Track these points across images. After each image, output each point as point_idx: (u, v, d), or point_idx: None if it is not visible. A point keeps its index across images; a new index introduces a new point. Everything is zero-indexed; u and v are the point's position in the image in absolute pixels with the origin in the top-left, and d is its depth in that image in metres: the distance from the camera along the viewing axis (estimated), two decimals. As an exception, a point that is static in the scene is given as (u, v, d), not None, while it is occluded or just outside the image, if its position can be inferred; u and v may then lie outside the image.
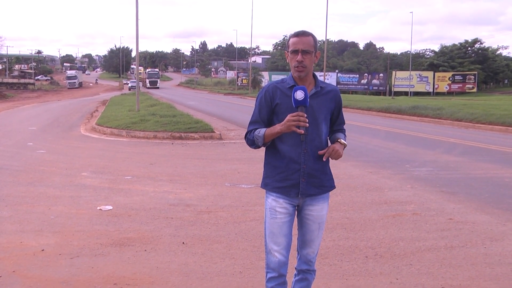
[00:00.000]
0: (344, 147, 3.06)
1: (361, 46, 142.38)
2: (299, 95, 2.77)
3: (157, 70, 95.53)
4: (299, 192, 2.96)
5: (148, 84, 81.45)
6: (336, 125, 3.16)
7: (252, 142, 2.99)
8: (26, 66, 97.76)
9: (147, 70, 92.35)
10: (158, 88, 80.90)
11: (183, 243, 5.15)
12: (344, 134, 3.18)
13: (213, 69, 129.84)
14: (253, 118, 3.03)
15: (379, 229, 5.70)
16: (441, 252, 4.94)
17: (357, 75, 75.62)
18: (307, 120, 2.79)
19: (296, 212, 3.07)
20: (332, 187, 3.10)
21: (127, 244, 5.11)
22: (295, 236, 3.11)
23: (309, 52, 2.88)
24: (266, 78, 73.71)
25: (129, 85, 75.00)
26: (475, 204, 6.92)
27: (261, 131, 2.93)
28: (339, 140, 3.04)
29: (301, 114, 2.78)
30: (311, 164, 2.95)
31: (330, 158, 3.02)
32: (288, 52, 2.95)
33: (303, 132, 2.80)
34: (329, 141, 3.12)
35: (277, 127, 2.86)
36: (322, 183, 3.02)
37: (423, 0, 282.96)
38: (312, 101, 2.91)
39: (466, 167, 10.00)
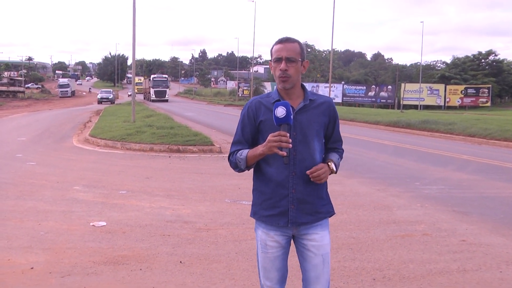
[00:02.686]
0: (332, 172, 2.86)
1: (369, 57, 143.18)
2: (280, 112, 2.59)
3: (166, 76, 74.83)
4: (288, 221, 2.78)
5: (154, 96, 66.85)
6: (330, 142, 2.97)
7: (235, 165, 2.84)
8: (16, 73, 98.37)
9: (152, 76, 73.01)
10: (167, 100, 66.58)
11: (180, 262, 5.14)
12: (340, 155, 2.99)
13: (212, 79, 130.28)
14: (235, 138, 2.89)
15: (387, 250, 5.69)
16: (453, 275, 4.93)
17: (364, 87, 75.83)
18: (290, 141, 2.60)
19: (291, 243, 2.91)
20: (330, 213, 2.91)
21: (122, 262, 5.11)
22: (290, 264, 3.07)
23: (295, 60, 2.74)
24: (268, 89, 73.98)
25: (99, 96, 62.64)
26: (489, 225, 6.92)
27: (243, 153, 2.78)
28: (328, 163, 2.84)
29: (283, 133, 2.58)
30: (302, 188, 2.77)
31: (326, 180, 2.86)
32: (271, 61, 2.82)
33: (285, 154, 2.60)
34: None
35: (259, 149, 2.69)
36: (316, 209, 2.82)
37: (435, 10, 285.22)
38: (300, 116, 2.77)
39: (479, 186, 9.99)
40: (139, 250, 5.50)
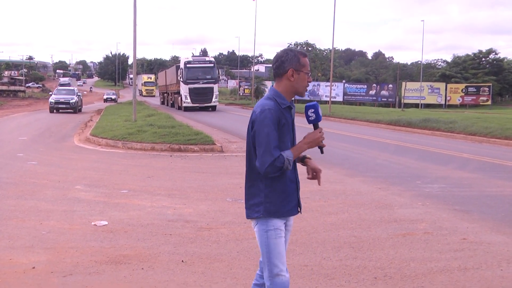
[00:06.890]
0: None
1: (369, 55, 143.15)
2: (316, 113, 3.11)
3: (212, 60, 41.67)
4: (300, 209, 3.23)
5: (188, 99, 38.02)
6: None
7: (279, 168, 2.96)
8: (16, 72, 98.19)
9: (185, 61, 39.25)
10: (214, 108, 39.88)
11: (182, 261, 5.16)
12: None
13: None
14: (275, 143, 2.97)
15: (389, 248, 5.70)
16: (454, 274, 4.94)
17: (365, 86, 75.71)
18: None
19: None
20: None
21: (123, 261, 5.12)
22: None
23: None
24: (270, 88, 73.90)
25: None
26: (490, 223, 6.92)
27: (289, 155, 2.99)
28: (307, 157, 3.28)
29: (321, 129, 3.10)
30: (297, 178, 3.22)
31: None
32: (300, 71, 3.08)
33: (325, 145, 3.16)
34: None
35: (303, 146, 3.05)
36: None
37: (438, 8, 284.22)
38: (291, 116, 3.16)
39: (480, 184, 10.00)
40: (140, 250, 5.52)
